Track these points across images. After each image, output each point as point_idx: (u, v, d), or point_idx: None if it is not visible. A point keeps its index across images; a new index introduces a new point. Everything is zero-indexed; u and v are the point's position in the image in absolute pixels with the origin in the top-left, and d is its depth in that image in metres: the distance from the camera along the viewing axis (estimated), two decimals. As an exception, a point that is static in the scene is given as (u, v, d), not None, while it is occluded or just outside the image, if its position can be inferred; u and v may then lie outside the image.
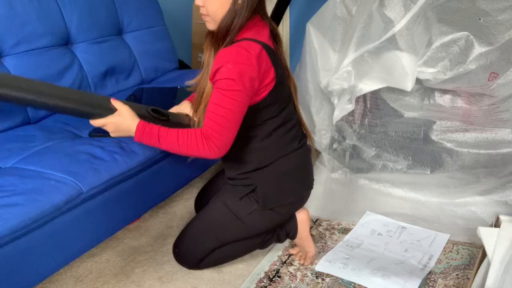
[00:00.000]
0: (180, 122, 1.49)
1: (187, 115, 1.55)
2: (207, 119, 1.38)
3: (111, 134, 1.41)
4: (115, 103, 1.38)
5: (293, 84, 1.58)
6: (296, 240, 1.69)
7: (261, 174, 1.53)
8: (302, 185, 1.60)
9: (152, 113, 1.44)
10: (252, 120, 1.46)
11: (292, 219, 1.65)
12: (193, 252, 1.61)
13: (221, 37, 1.41)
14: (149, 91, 2.05)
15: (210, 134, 1.36)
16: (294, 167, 1.55)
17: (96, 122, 1.38)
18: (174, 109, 1.61)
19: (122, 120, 1.38)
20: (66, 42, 2.01)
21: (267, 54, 1.40)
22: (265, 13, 1.49)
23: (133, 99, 1.86)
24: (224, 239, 1.59)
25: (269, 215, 1.56)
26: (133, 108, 1.40)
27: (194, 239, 1.61)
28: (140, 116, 1.40)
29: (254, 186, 1.53)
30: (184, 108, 1.62)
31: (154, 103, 1.67)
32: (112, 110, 1.37)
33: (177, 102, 1.80)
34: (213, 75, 1.37)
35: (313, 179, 1.66)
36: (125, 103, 1.40)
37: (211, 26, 1.43)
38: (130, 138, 1.44)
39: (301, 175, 1.59)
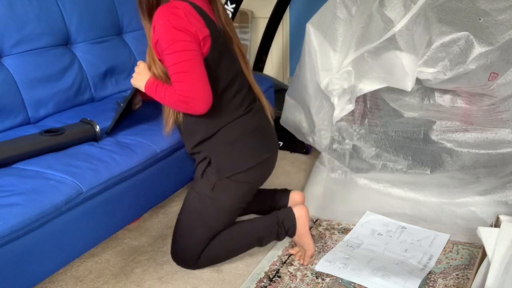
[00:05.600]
0: (77, 131, 1.61)
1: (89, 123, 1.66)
2: (172, 82, 1.41)
3: (132, 80, 1.57)
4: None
5: (239, 47, 1.58)
6: (295, 238, 1.69)
7: (210, 144, 1.53)
8: (258, 150, 1.57)
9: (45, 134, 1.57)
10: None
11: (291, 215, 1.65)
12: (188, 247, 1.62)
13: (152, 6, 1.46)
14: None
15: (182, 95, 1.39)
16: (242, 133, 1.54)
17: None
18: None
19: (143, 74, 1.53)
20: (66, 42, 2.01)
21: (196, 12, 1.41)
22: None
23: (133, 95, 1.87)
24: (211, 225, 1.59)
25: (232, 186, 1.56)
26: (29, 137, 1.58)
27: (184, 234, 1.62)
28: (35, 139, 1.56)
29: (208, 159, 1.54)
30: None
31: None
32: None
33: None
34: (154, 41, 1.41)
35: (273, 141, 1.64)
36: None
37: None
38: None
39: (254, 139, 1.56)
